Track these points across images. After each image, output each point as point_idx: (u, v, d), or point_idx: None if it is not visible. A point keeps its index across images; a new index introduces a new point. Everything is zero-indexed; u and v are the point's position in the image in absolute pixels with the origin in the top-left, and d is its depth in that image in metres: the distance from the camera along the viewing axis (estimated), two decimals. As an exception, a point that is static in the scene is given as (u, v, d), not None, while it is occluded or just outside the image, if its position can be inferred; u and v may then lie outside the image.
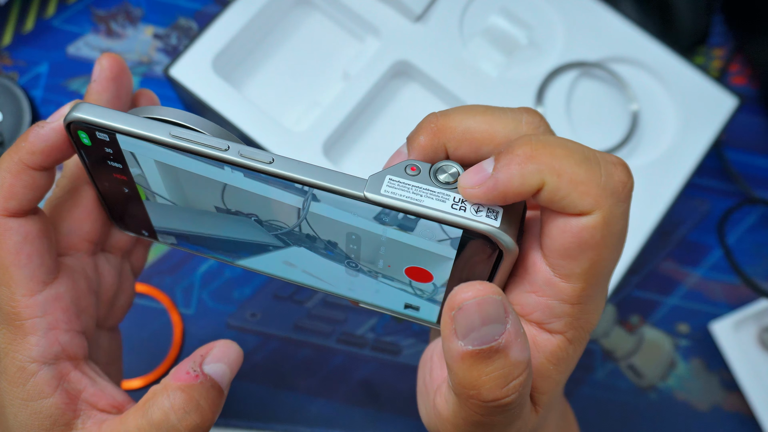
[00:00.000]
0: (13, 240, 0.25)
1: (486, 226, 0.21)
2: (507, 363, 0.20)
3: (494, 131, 0.22)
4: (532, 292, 0.23)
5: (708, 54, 0.54)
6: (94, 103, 0.24)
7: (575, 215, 0.21)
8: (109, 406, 0.26)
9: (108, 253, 0.31)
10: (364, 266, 0.26)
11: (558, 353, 0.23)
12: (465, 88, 0.46)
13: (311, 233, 0.26)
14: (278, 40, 0.48)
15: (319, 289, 0.29)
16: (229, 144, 0.23)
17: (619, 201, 0.21)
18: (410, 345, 0.46)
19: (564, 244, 0.21)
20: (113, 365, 0.32)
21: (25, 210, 0.25)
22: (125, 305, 0.32)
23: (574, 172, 0.20)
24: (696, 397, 0.47)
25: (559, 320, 0.23)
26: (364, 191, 0.22)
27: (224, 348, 0.27)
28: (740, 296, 0.49)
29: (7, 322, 0.26)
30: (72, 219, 0.28)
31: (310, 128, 0.44)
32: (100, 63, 0.27)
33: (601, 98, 0.48)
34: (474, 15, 0.48)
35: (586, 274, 0.21)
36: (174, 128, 0.24)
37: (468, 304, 0.20)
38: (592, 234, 0.21)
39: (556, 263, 0.22)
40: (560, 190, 0.20)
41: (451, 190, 0.22)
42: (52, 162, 0.25)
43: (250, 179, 0.24)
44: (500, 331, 0.20)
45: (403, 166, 0.23)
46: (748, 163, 0.52)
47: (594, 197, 0.21)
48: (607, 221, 0.21)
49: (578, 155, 0.21)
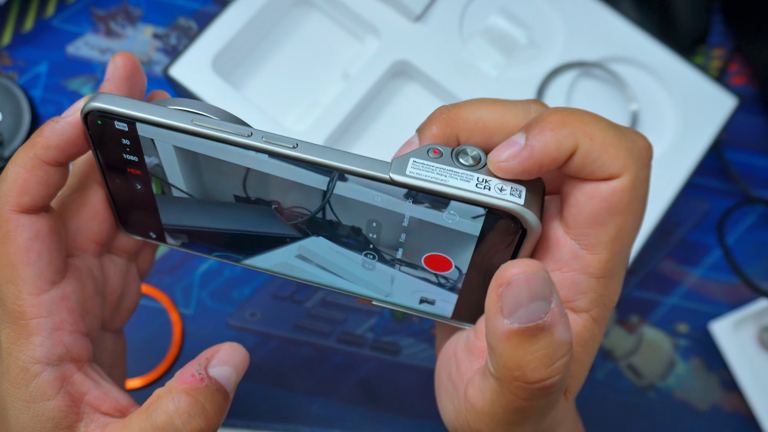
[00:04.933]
0: (24, 237, 0.25)
1: (511, 204, 0.22)
2: (552, 342, 0.20)
3: (506, 120, 0.23)
4: (556, 269, 0.23)
5: (707, 54, 0.54)
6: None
7: (604, 180, 0.22)
8: (112, 410, 0.26)
9: (114, 255, 0.30)
10: (384, 254, 0.26)
11: (585, 334, 0.23)
12: (464, 88, 0.46)
13: (334, 219, 0.25)
14: (278, 39, 0.48)
15: (329, 286, 0.28)
16: (252, 130, 0.23)
17: (644, 165, 0.22)
18: (410, 345, 0.46)
19: (593, 210, 0.22)
20: (117, 368, 0.31)
21: (38, 206, 0.25)
22: (131, 307, 0.32)
23: (605, 135, 0.21)
24: (695, 396, 0.47)
25: (584, 296, 0.23)
26: (389, 173, 0.22)
27: (230, 351, 0.27)
28: (740, 296, 0.49)
29: (11, 321, 0.25)
30: (80, 218, 0.28)
31: (309, 128, 0.44)
32: (114, 61, 0.26)
33: (600, 98, 0.48)
34: (474, 15, 0.48)
35: (612, 241, 0.22)
36: (195, 116, 0.24)
37: (517, 279, 0.20)
38: (621, 197, 0.22)
39: (582, 233, 0.22)
40: (593, 152, 0.21)
41: (475, 171, 0.22)
42: (67, 157, 0.25)
43: (274, 160, 0.24)
44: (545, 309, 0.20)
45: (426, 150, 0.23)
46: (747, 163, 0.52)
47: (623, 160, 0.21)
48: (634, 184, 0.22)
49: (605, 122, 0.22)
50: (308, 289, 0.47)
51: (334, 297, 0.47)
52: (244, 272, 0.47)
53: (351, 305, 0.47)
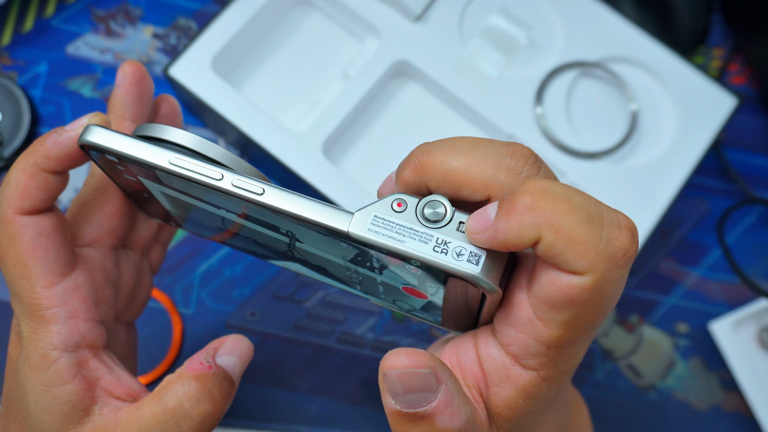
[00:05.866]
0: (29, 236, 0.26)
1: (465, 272, 0.21)
2: (433, 429, 0.21)
3: (473, 176, 0.22)
4: (512, 326, 0.23)
5: (707, 54, 0.54)
6: (106, 126, 0.25)
7: (567, 272, 0.20)
8: (125, 394, 0.27)
9: (128, 250, 0.32)
10: (362, 282, 0.27)
11: (529, 389, 0.23)
12: (464, 88, 0.46)
13: (304, 259, 0.27)
14: (278, 39, 0.48)
15: (328, 283, 0.30)
16: (224, 173, 0.24)
17: (616, 267, 0.20)
18: (409, 345, 0.46)
19: (550, 294, 0.21)
20: (129, 360, 0.33)
21: (39, 209, 0.27)
22: (143, 301, 0.33)
23: (572, 231, 0.20)
24: (695, 396, 0.47)
25: (534, 359, 0.22)
26: (348, 228, 0.22)
27: (236, 342, 0.28)
28: (739, 296, 0.49)
29: (29, 313, 0.27)
30: (101, 214, 0.29)
31: (309, 128, 0.44)
32: (123, 69, 0.29)
33: (600, 98, 0.48)
34: (473, 15, 0.48)
35: (567, 325, 0.21)
36: (174, 155, 0.24)
37: (390, 373, 0.21)
38: (580, 294, 0.20)
39: (539, 308, 0.21)
40: (555, 247, 0.20)
41: (435, 230, 0.22)
42: (65, 168, 0.26)
43: (242, 220, 0.25)
44: (427, 399, 0.21)
45: (390, 201, 0.23)
46: (747, 163, 0.52)
47: (589, 260, 0.20)
48: (599, 285, 0.20)
49: (581, 213, 0.20)
50: (308, 289, 0.47)
51: (334, 297, 0.47)
52: (244, 272, 0.47)
53: (351, 305, 0.47)
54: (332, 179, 0.43)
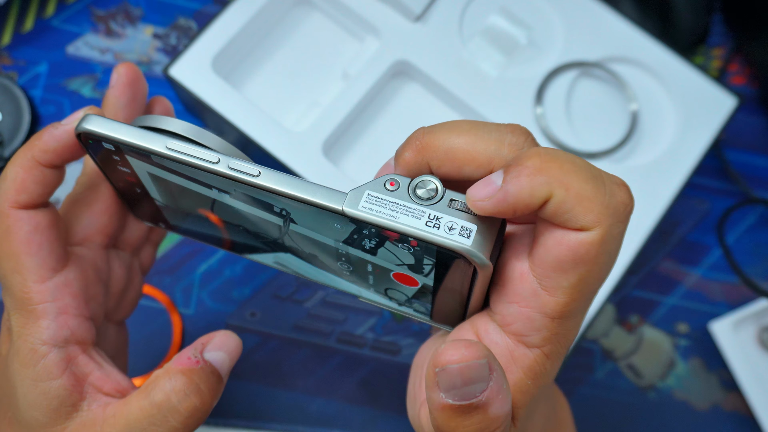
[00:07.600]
0: (24, 230, 0.26)
1: (457, 245, 0.22)
2: (485, 418, 0.21)
3: (476, 152, 0.23)
4: (514, 302, 0.23)
5: (707, 54, 0.54)
6: (103, 115, 0.25)
7: (575, 230, 0.21)
8: (113, 391, 0.28)
9: (119, 249, 0.32)
10: (353, 271, 0.27)
11: (535, 368, 0.23)
12: (464, 87, 0.46)
13: (294, 246, 0.27)
14: (278, 39, 0.48)
15: (321, 282, 0.30)
16: (220, 157, 0.24)
17: (619, 221, 0.21)
18: (409, 345, 0.46)
19: (558, 256, 0.21)
20: (119, 359, 0.33)
21: (35, 203, 0.27)
22: (133, 300, 0.33)
23: (581, 187, 0.21)
24: (695, 396, 0.47)
25: (538, 333, 0.23)
26: (342, 206, 0.23)
27: (224, 338, 0.28)
28: (739, 296, 0.49)
29: (20, 308, 0.27)
30: (91, 212, 0.30)
31: (309, 128, 0.44)
32: (117, 71, 0.29)
33: (600, 98, 0.48)
34: (474, 15, 0.48)
35: (573, 288, 0.22)
36: (171, 141, 0.24)
37: (451, 368, 0.21)
38: (588, 250, 0.21)
39: (545, 274, 0.22)
40: (566, 202, 0.21)
41: (427, 207, 0.22)
42: (63, 161, 0.27)
43: (235, 200, 0.25)
44: (482, 388, 0.21)
45: (383, 181, 0.23)
46: (747, 163, 0.52)
47: (596, 214, 0.21)
48: (605, 239, 0.21)
49: (586, 172, 0.21)
50: (308, 289, 0.47)
51: (334, 297, 0.47)
52: (245, 272, 0.47)
53: (351, 305, 0.47)
54: (332, 179, 0.43)
